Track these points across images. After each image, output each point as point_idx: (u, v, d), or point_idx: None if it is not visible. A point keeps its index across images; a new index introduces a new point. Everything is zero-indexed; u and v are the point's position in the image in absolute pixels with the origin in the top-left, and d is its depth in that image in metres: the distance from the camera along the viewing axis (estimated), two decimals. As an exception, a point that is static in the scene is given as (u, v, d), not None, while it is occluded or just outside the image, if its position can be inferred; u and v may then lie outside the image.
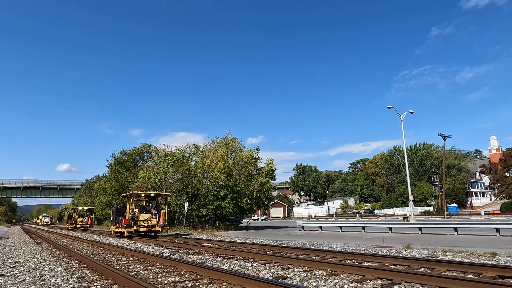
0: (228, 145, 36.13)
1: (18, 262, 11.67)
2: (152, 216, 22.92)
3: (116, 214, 25.19)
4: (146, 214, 23.01)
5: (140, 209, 23.53)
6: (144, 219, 22.66)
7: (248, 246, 14.74)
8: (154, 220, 22.77)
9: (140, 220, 22.45)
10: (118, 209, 25.80)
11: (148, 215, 22.99)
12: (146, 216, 22.84)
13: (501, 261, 9.17)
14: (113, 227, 25.38)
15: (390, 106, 37.31)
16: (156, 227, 22.48)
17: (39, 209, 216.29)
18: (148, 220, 22.71)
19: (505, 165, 74.13)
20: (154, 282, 7.41)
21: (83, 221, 47.36)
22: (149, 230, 22.40)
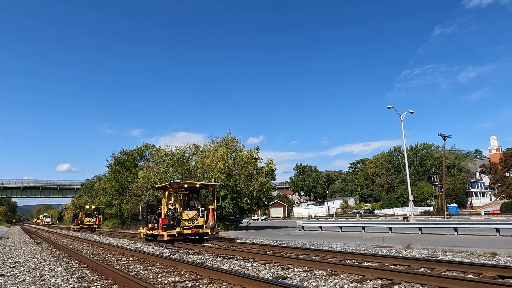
0: (228, 145, 36.14)
1: (18, 262, 11.67)
2: (199, 214, 17.72)
3: (147, 211, 19.33)
4: (191, 211, 17.68)
5: (183, 204, 18.04)
6: (189, 217, 17.41)
7: (248, 246, 14.75)
8: (202, 219, 17.52)
9: (183, 220, 17.18)
10: (150, 205, 19.82)
11: (194, 213, 17.67)
12: (191, 213, 17.57)
13: (501, 261, 9.17)
14: (144, 228, 19.40)
15: (390, 106, 37.32)
16: (204, 228, 17.36)
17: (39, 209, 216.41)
18: (193, 219, 17.48)
19: (505, 165, 74.13)
20: (154, 282, 7.41)
21: (90, 221, 43.33)
22: (195, 232, 17.18)
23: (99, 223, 43.72)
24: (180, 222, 16.93)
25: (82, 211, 45.09)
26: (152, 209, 19.30)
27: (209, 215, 17.61)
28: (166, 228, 16.59)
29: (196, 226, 17.31)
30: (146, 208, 19.49)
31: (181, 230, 16.56)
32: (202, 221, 17.55)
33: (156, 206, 19.19)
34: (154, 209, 19.10)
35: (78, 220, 44.12)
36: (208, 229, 17.27)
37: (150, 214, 19.00)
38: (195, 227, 17.24)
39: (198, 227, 17.35)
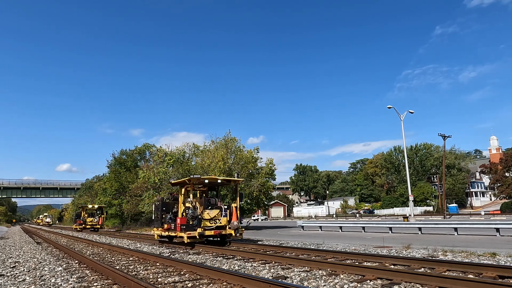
0: (228, 145, 36.12)
1: (18, 262, 11.67)
2: (221, 213, 15.66)
3: (161, 210, 17.21)
4: (212, 210, 15.72)
5: (204, 202, 15.92)
6: (211, 217, 15.45)
7: (248, 246, 14.74)
8: (224, 218, 15.47)
9: (204, 219, 15.20)
10: (165, 203, 17.63)
11: (216, 212, 15.70)
12: (213, 213, 15.61)
13: (501, 261, 9.17)
14: (158, 229, 17.43)
15: (390, 106, 37.33)
16: (227, 229, 15.43)
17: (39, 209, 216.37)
18: (215, 219, 15.53)
19: (505, 165, 74.13)
20: (154, 282, 7.41)
21: (93, 221, 41.90)
22: (218, 233, 15.27)
23: (102, 223, 42.31)
24: (201, 222, 14.95)
25: (85, 211, 43.58)
26: (168, 207, 17.25)
27: (233, 215, 15.53)
28: (185, 229, 14.56)
29: (218, 226, 15.34)
30: (160, 207, 17.34)
31: (202, 231, 14.55)
32: (225, 221, 15.52)
33: (172, 205, 17.17)
34: (170, 208, 17.11)
35: (81, 220, 42.75)
36: (232, 230, 15.32)
37: (165, 214, 16.98)
38: (217, 227, 15.30)
39: (221, 227, 15.45)
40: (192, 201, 15.33)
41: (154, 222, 18.37)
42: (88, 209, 43.81)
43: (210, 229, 15.09)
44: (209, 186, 17.14)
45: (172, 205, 17.18)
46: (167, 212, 17.05)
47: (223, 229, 15.46)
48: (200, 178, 15.12)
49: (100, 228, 41.31)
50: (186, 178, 15.59)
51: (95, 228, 41.13)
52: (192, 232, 14.46)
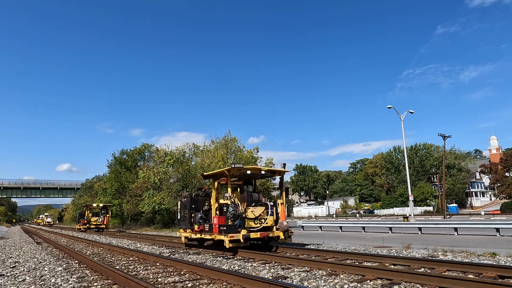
0: (228, 145, 36.18)
1: (18, 262, 11.67)
2: (268, 211, 12.94)
3: (190, 208, 14.52)
4: (257, 208, 12.88)
5: (247, 198, 13.06)
6: (255, 216, 12.67)
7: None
8: (271, 217, 12.78)
9: (248, 219, 12.47)
10: (194, 200, 14.80)
11: (261, 209, 12.87)
12: (257, 210, 12.79)
13: (501, 261, 9.17)
14: (186, 231, 14.78)
15: (390, 106, 37.34)
16: (274, 231, 12.72)
17: (39, 209, 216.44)
18: (261, 219, 12.76)
19: (505, 165, 74.12)
20: (154, 282, 7.41)
21: (98, 221, 39.41)
22: (264, 236, 12.42)
23: (107, 223, 39.82)
24: (245, 222, 12.19)
25: (89, 210, 40.98)
26: (197, 205, 14.52)
27: (281, 213, 12.94)
28: (226, 230, 11.89)
29: (264, 227, 12.66)
30: (189, 204, 14.48)
31: (247, 234, 11.83)
32: (272, 221, 12.83)
33: (202, 202, 14.54)
34: (200, 205, 14.43)
35: (85, 219, 40.20)
36: (281, 231, 12.57)
37: (195, 212, 14.35)
38: (263, 229, 12.60)
39: (267, 229, 12.74)
40: (231, 197, 12.46)
41: (180, 223, 15.32)
42: (92, 208, 41.43)
43: (255, 230, 12.33)
44: (245, 179, 14.46)
45: (203, 202, 14.56)
46: (196, 210, 14.46)
47: (269, 230, 12.76)
48: (242, 168, 12.49)
49: (105, 228, 39.31)
50: (225, 168, 12.80)
51: (100, 228, 39.03)
52: (235, 235, 11.71)
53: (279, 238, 12.73)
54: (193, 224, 14.19)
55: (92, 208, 40.93)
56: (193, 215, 14.40)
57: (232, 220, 12.06)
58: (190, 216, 14.47)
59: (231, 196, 12.54)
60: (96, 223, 39.06)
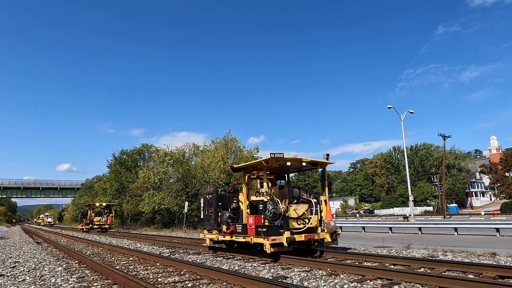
0: (228, 145, 36.18)
1: (18, 262, 11.67)
2: (311, 210, 11.00)
3: (216, 206, 12.67)
4: (299, 205, 10.95)
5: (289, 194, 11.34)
6: (298, 215, 10.77)
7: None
8: (315, 217, 10.94)
9: (291, 218, 10.59)
10: (220, 197, 12.99)
11: (304, 207, 10.95)
12: (300, 209, 10.84)
13: (501, 261, 9.17)
14: (211, 232, 12.90)
15: (390, 106, 37.35)
16: (319, 233, 10.94)
17: (39, 209, 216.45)
18: (304, 218, 10.88)
19: (505, 165, 74.13)
20: (154, 282, 7.41)
21: (101, 221, 37.94)
22: (310, 239, 10.62)
23: (111, 223, 38.36)
24: (288, 222, 10.35)
25: (92, 209, 39.27)
26: (224, 202, 12.63)
27: (326, 212, 11.19)
28: (266, 232, 9.96)
29: (309, 228, 10.80)
30: (215, 201, 12.64)
31: (292, 237, 10.07)
32: (316, 221, 10.97)
33: (230, 198, 12.62)
34: (227, 203, 12.51)
35: (87, 219, 38.62)
36: (328, 233, 10.87)
37: (222, 211, 12.47)
38: (308, 230, 10.74)
39: (311, 230, 10.87)
40: (268, 193, 10.58)
41: (203, 223, 13.48)
42: (95, 207, 39.63)
43: (299, 232, 10.54)
44: (278, 173, 12.71)
45: (231, 198, 12.57)
46: (224, 208, 12.56)
47: (314, 232, 10.90)
48: (281, 159, 10.58)
49: (109, 228, 37.82)
50: (261, 158, 10.84)
51: (103, 228, 37.53)
52: (277, 237, 9.88)
53: (323, 241, 11.04)
54: (220, 225, 12.29)
55: (95, 208, 39.49)
56: (219, 214, 12.50)
57: (271, 220, 10.20)
58: (217, 216, 12.57)
59: (268, 191, 10.53)
60: (99, 223, 37.79)
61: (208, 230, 13.13)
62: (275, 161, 10.65)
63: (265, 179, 10.96)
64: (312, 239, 10.74)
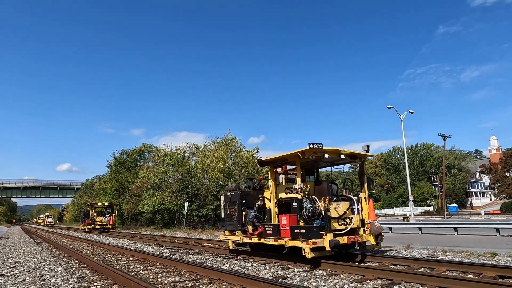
0: (228, 145, 36.17)
1: (18, 262, 11.67)
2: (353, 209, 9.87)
3: (240, 204, 11.31)
4: (340, 203, 9.77)
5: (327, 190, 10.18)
6: (339, 214, 9.60)
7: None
8: (357, 216, 9.80)
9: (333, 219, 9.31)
10: (244, 194, 11.56)
11: (345, 206, 9.78)
12: (341, 208, 9.68)
13: (501, 261, 9.17)
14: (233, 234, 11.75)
15: (390, 106, 37.35)
16: (362, 235, 9.71)
17: (39, 209, 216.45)
18: (346, 218, 9.74)
19: (505, 165, 74.15)
20: (154, 282, 7.41)
21: (103, 221, 36.77)
22: (353, 241, 9.40)
23: (113, 223, 37.32)
24: (330, 222, 8.92)
25: (94, 209, 38.08)
26: (249, 200, 11.37)
27: (369, 210, 9.96)
28: (306, 234, 8.70)
29: (351, 230, 9.55)
30: (238, 199, 11.33)
31: (336, 239, 8.74)
32: (358, 221, 9.78)
33: (255, 195, 11.43)
34: (252, 200, 11.30)
35: (89, 219, 37.51)
36: (373, 235, 9.64)
37: (246, 210, 11.16)
38: (350, 231, 9.50)
39: (353, 231, 9.71)
40: (303, 189, 9.37)
41: (225, 223, 12.06)
42: (97, 207, 38.43)
43: (342, 233, 9.28)
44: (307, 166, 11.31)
45: (256, 196, 11.40)
46: (248, 207, 11.24)
47: (356, 233, 9.74)
48: (320, 150, 9.35)
49: (111, 228, 36.92)
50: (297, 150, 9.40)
51: (106, 228, 36.56)
52: (318, 240, 8.55)
53: (365, 243, 9.72)
54: (245, 225, 11.01)
55: (96, 207, 38.37)
56: (244, 214, 11.21)
57: (309, 220, 8.94)
58: (241, 215, 11.23)
59: (302, 187, 9.36)
60: (102, 223, 36.74)
61: (230, 231, 11.86)
62: (312, 152, 9.41)
63: (299, 173, 9.77)
64: (357, 242, 9.41)
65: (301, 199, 9.26)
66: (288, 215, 9.45)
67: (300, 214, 9.19)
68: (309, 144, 9.13)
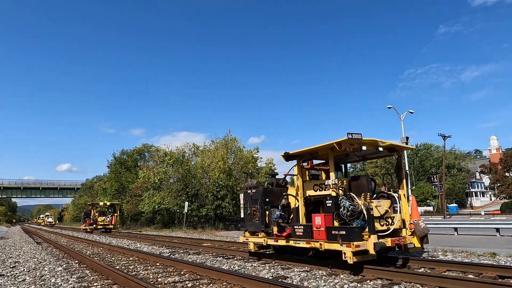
0: (228, 145, 36.20)
1: (18, 262, 11.67)
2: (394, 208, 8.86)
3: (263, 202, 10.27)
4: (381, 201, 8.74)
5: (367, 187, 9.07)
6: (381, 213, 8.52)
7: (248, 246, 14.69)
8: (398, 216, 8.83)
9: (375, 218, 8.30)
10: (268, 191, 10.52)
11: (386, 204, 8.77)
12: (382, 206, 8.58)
13: (501, 261, 9.17)
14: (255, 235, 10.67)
15: (390, 106, 37.34)
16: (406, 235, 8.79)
17: (39, 209, 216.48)
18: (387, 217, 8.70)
19: (505, 165, 74.18)
20: (154, 282, 7.41)
21: (105, 221, 36.12)
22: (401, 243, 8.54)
23: (116, 223, 36.68)
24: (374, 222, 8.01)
25: (95, 209, 37.35)
26: (273, 198, 10.41)
27: (412, 209, 9.02)
28: (347, 236, 7.65)
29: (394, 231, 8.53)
30: (261, 197, 10.31)
31: (381, 242, 7.75)
32: (400, 221, 8.77)
33: (279, 193, 10.50)
34: (275, 199, 10.34)
35: (91, 219, 36.68)
36: (418, 237, 8.63)
37: (270, 208, 10.14)
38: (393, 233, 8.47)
39: (395, 233, 8.62)
40: (338, 185, 8.43)
41: (245, 223, 10.99)
42: (99, 206, 37.76)
43: (385, 235, 8.25)
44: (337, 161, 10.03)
45: (280, 193, 10.48)
46: (272, 205, 10.25)
47: (398, 235, 8.69)
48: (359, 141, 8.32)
49: (113, 228, 36.18)
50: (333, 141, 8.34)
51: (108, 228, 35.85)
52: (361, 243, 7.52)
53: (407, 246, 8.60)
54: (269, 226, 10.01)
55: (98, 207, 37.70)
56: (267, 213, 10.20)
57: (348, 220, 7.96)
58: (264, 215, 10.22)
59: (337, 183, 8.43)
60: (104, 223, 36.09)
61: (251, 232, 10.82)
62: (349, 144, 8.33)
63: (332, 167, 8.77)
64: (403, 245, 8.40)
65: (336, 196, 8.31)
66: (324, 215, 8.38)
67: (336, 213, 8.20)
68: (348, 134, 8.06)
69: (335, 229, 8.00)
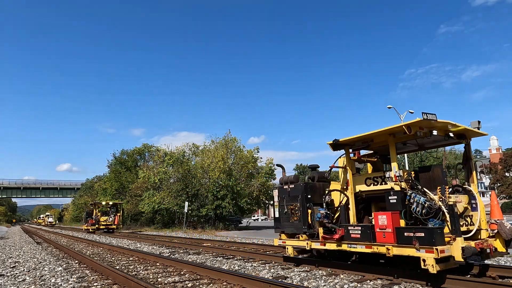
0: (228, 145, 36.20)
1: (18, 262, 11.68)
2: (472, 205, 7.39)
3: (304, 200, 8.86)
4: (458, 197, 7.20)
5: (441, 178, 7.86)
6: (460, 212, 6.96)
7: (248, 246, 14.74)
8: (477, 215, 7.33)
9: None
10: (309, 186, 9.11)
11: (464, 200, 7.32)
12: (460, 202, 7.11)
13: (501, 261, 9.17)
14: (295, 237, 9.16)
15: (390, 106, 37.39)
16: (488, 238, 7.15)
17: (39, 209, 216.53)
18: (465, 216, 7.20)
19: (505, 165, 74.15)
20: (154, 282, 7.42)
21: (108, 221, 35.27)
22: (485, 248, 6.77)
23: (118, 223, 35.76)
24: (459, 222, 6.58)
25: (97, 209, 36.62)
26: (315, 194, 9.06)
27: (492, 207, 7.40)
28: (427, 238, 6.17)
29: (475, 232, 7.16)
30: (301, 193, 8.97)
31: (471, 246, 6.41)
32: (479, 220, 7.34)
33: (321, 189, 9.22)
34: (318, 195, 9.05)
35: (93, 219, 35.91)
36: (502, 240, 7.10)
37: (312, 207, 8.67)
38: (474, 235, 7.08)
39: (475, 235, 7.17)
40: (404, 178, 7.09)
41: (280, 224, 9.51)
42: (101, 206, 36.92)
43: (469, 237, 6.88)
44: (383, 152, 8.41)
45: (322, 189, 9.21)
46: (314, 203, 8.83)
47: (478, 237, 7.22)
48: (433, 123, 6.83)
49: (116, 228, 35.45)
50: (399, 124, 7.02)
51: (110, 228, 35.16)
52: (445, 248, 6.12)
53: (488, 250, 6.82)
54: (313, 227, 8.59)
55: (100, 207, 36.88)
56: (309, 212, 8.75)
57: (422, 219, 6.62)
58: (306, 214, 8.77)
59: (402, 175, 7.06)
60: (106, 223, 35.22)
61: (288, 234, 9.35)
62: (419, 127, 6.90)
63: (394, 157, 7.37)
64: (492, 250, 6.87)
65: (400, 191, 6.94)
66: (391, 213, 6.89)
67: (404, 211, 6.82)
68: (423, 114, 6.58)
69: (409, 231, 6.52)
